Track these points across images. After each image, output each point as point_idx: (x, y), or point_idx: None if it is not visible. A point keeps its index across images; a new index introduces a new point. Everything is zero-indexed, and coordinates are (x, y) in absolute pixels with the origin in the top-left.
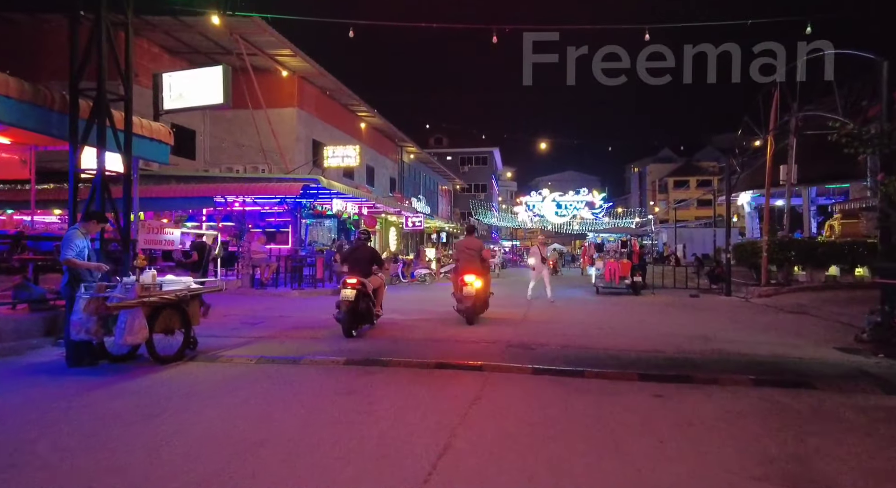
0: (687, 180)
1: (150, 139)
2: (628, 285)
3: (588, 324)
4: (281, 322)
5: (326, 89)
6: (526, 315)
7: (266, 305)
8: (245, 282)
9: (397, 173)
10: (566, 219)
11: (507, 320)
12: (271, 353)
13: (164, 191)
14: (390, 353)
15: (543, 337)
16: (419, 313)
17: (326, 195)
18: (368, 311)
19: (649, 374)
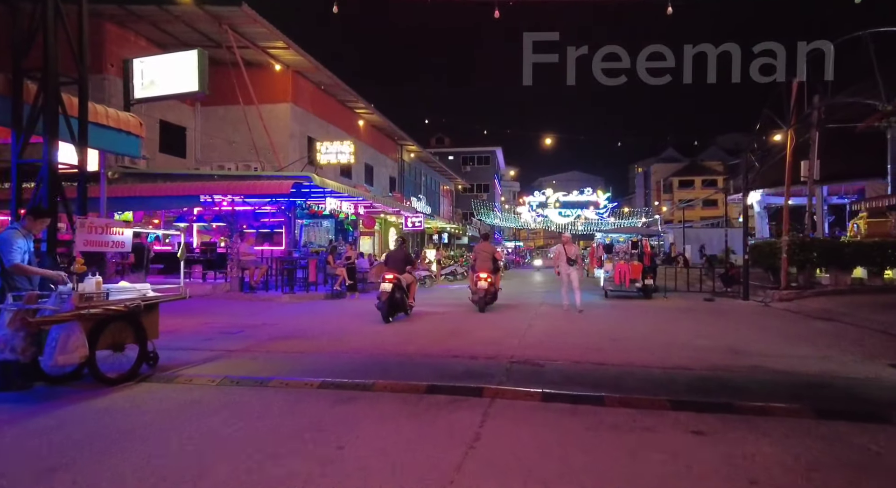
0: (692, 180)
1: (116, 130)
2: (639, 288)
3: (600, 334)
4: (262, 331)
5: (322, 84)
6: (531, 323)
7: (252, 311)
8: (234, 286)
9: (397, 173)
10: (570, 220)
11: (512, 327)
12: (238, 372)
13: (148, 190)
14: (377, 369)
15: (551, 349)
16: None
17: (319, 194)
18: (403, 302)
19: (682, 401)
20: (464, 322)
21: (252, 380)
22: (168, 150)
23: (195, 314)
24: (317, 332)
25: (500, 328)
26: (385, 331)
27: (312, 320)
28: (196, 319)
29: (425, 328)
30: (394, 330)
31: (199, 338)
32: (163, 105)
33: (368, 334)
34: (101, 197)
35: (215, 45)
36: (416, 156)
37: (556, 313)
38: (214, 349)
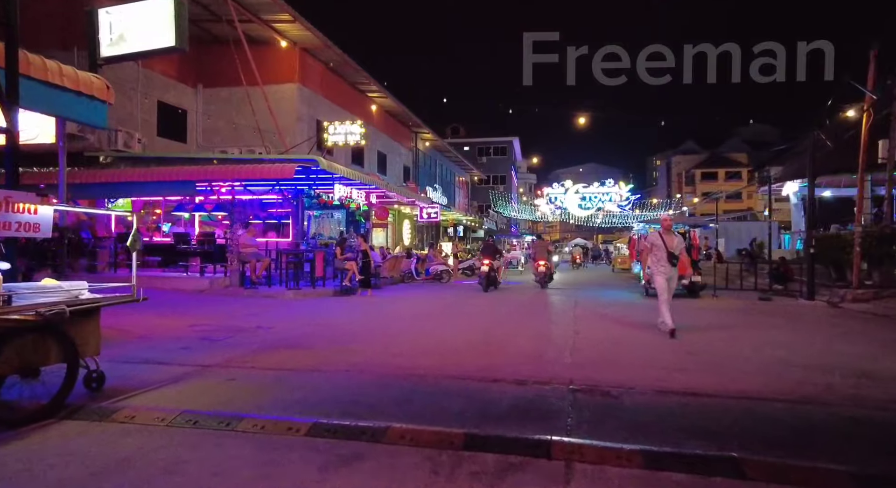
0: (715, 172)
1: (75, 93)
2: (685, 286)
3: (669, 345)
4: (253, 337)
5: (332, 64)
6: (576, 328)
7: (249, 310)
8: (233, 281)
9: (412, 162)
10: (590, 212)
11: (555, 334)
12: (203, 402)
13: (139, 175)
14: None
15: (618, 367)
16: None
17: (327, 180)
18: (495, 279)
19: (865, 476)
20: (495, 326)
21: (217, 419)
22: (167, 134)
23: (183, 313)
24: (319, 339)
25: (543, 335)
26: (401, 337)
27: (316, 322)
28: (181, 320)
29: (452, 332)
30: (412, 336)
31: (176, 345)
32: (161, 85)
33: (381, 341)
34: (59, 177)
35: (215, 18)
36: (431, 145)
37: (601, 316)
38: (187, 363)
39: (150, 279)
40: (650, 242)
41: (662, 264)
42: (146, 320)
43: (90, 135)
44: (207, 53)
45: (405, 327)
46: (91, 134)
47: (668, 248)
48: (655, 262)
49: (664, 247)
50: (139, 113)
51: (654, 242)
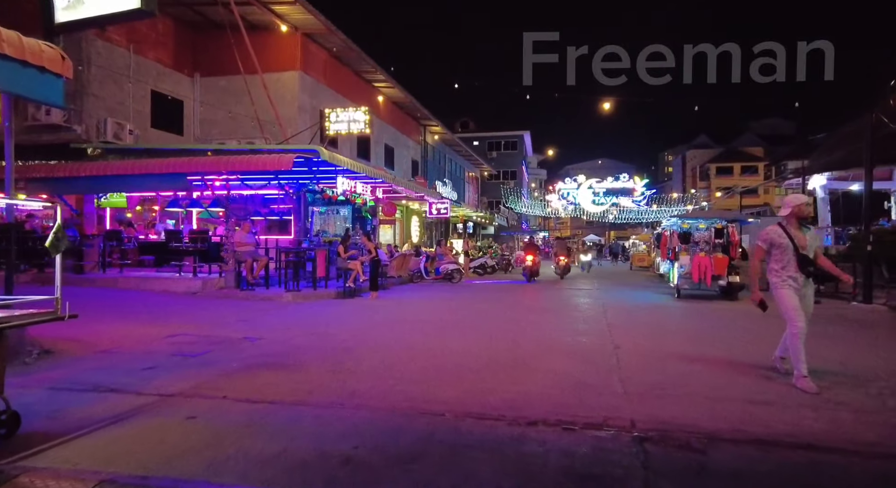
0: (730, 166)
1: (21, 63)
2: (722, 287)
3: (741, 367)
4: (236, 352)
5: (336, 52)
6: (614, 340)
7: (241, 315)
8: (229, 281)
9: (420, 156)
10: (604, 208)
11: (593, 349)
12: (141, 459)
13: (125, 168)
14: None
15: (685, 399)
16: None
17: (329, 172)
18: (537, 272)
19: None
20: (520, 337)
21: None
22: (162, 126)
23: (164, 320)
24: (312, 354)
25: (578, 351)
26: (410, 352)
27: (312, 331)
28: (160, 328)
29: (469, 346)
30: (423, 351)
31: (141, 363)
32: (155, 73)
33: (386, 358)
34: (6, 167)
35: (211, 1)
36: (440, 139)
37: (637, 323)
38: (146, 390)
39: (138, 280)
40: (768, 240)
41: (790, 271)
42: (119, 329)
43: (77, 127)
44: (204, 40)
45: (414, 338)
46: (78, 124)
47: (800, 249)
48: (779, 270)
49: (792, 246)
50: (131, 102)
51: (774, 240)
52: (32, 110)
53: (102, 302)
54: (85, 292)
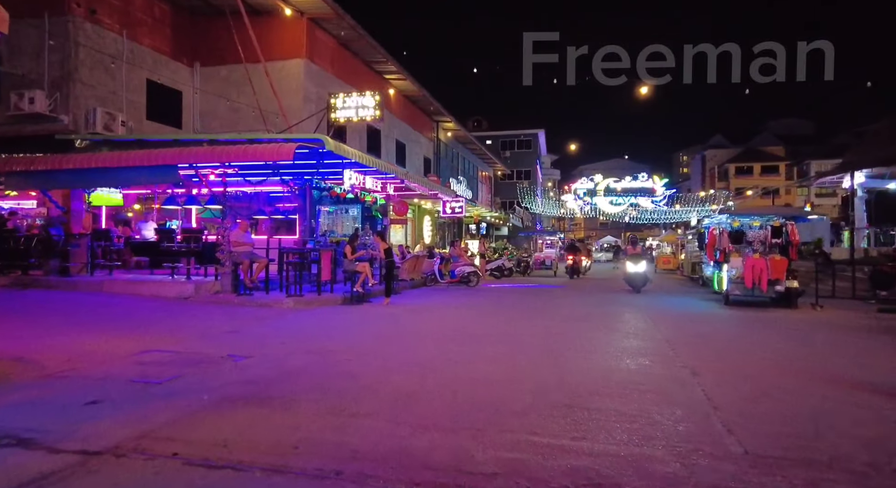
0: (750, 166)
1: None
2: (780, 293)
3: (873, 402)
4: (211, 377)
5: (344, 39)
6: (688, 365)
7: (231, 325)
8: (225, 285)
9: (433, 153)
10: (622, 209)
11: (662, 377)
12: None
13: (111, 160)
14: None
15: (848, 470)
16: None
17: (335, 165)
18: (579, 270)
19: None
20: (563, 358)
21: None
22: (159, 118)
23: (142, 331)
24: (307, 383)
25: (647, 383)
26: (429, 379)
27: (311, 348)
28: (131, 343)
29: (503, 370)
30: (447, 378)
31: (87, 394)
32: (151, 62)
33: (400, 389)
34: None
35: None
36: (453, 136)
37: (700, 338)
38: (64, 444)
39: (126, 284)
40: None
41: None
42: (83, 343)
43: (63, 117)
44: (204, 26)
45: (434, 359)
46: (65, 114)
47: None
48: None
49: None
50: (124, 92)
51: None
52: (15, 99)
53: (78, 308)
54: (65, 297)
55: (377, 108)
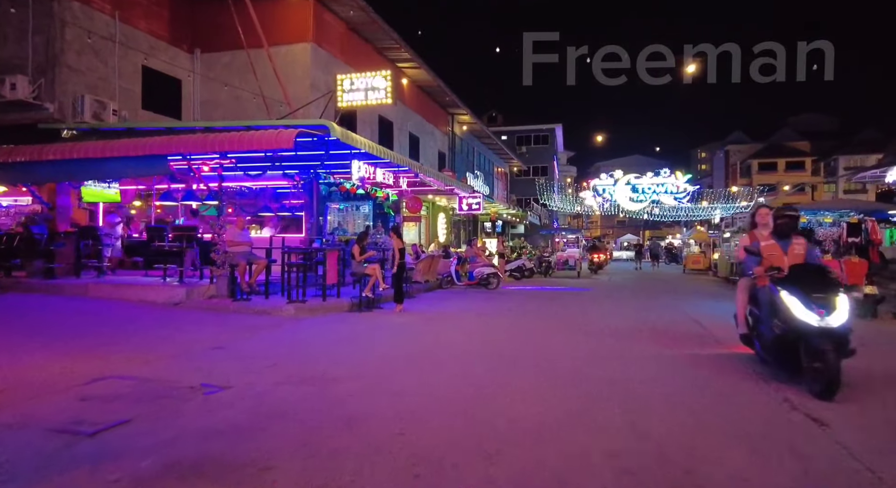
0: (773, 163)
1: None
2: (857, 302)
3: None
4: (168, 424)
5: (354, 23)
6: (782, 395)
7: (218, 339)
8: (221, 289)
9: (447, 148)
10: (644, 206)
11: (773, 426)
12: None
13: (96, 150)
14: None
15: None
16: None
17: (342, 156)
18: (602, 266)
19: None
20: (628, 386)
21: None
22: (156, 107)
23: (111, 346)
24: (291, 434)
25: (766, 438)
26: (455, 434)
27: (306, 373)
28: (90, 363)
29: (559, 415)
30: (482, 435)
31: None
32: (147, 47)
33: (414, 460)
34: None
35: None
36: (468, 129)
37: None
38: None
39: (114, 287)
40: None
41: None
42: (31, 364)
43: (49, 104)
44: (205, 10)
45: (459, 393)
46: (50, 102)
47: None
48: None
49: None
50: (117, 79)
51: None
52: None
53: (52, 316)
54: (42, 302)
55: (389, 92)
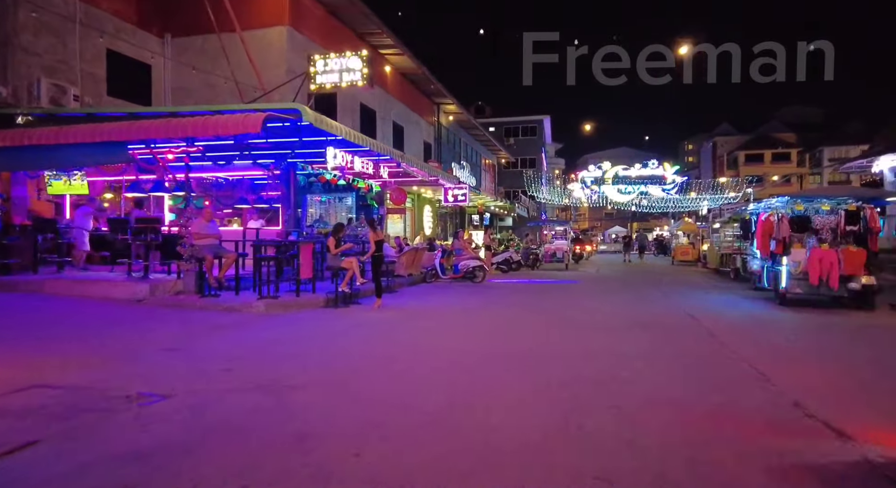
0: (760, 154)
1: None
2: (855, 292)
3: None
4: (80, 448)
5: (333, 6)
6: (789, 398)
7: (175, 339)
8: (188, 285)
9: (433, 138)
10: (632, 197)
11: (806, 434)
12: None
13: (48, 136)
14: None
15: None
16: None
17: (318, 143)
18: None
19: None
20: (626, 390)
21: None
22: (123, 94)
23: (53, 348)
24: (235, 462)
25: (785, 455)
26: (437, 472)
27: (265, 380)
28: (22, 368)
29: (569, 428)
30: (472, 470)
31: None
32: (114, 30)
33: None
34: None
35: None
36: (455, 120)
37: (785, 355)
38: None
39: (72, 284)
40: None
41: None
42: None
43: (2, 88)
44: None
45: (441, 406)
46: (3, 86)
47: None
48: None
49: None
50: (78, 63)
51: None
52: None
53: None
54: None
55: (364, 73)
